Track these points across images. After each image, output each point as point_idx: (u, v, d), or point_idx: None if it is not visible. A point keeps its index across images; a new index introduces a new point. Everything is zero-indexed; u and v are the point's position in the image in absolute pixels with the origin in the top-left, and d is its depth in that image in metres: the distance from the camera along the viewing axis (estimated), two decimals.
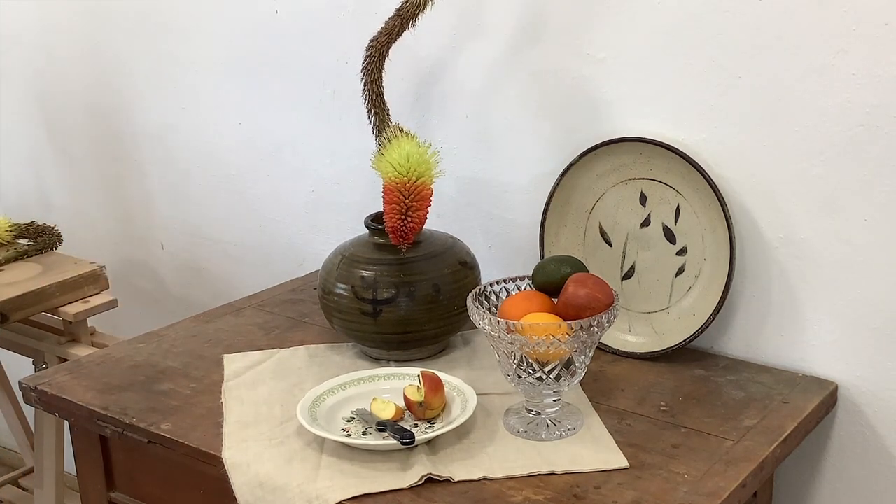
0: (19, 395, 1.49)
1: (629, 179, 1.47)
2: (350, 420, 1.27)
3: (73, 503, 2.15)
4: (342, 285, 1.42)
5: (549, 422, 1.24)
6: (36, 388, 1.41)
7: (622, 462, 1.17)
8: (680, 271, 1.46)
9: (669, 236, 1.46)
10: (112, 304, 1.98)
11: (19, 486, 2.41)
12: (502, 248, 1.68)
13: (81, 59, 2.23)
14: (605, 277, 1.28)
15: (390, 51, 1.45)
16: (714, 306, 1.40)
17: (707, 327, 1.42)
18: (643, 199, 1.47)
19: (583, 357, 1.22)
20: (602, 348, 1.47)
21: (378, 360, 1.46)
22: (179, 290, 2.25)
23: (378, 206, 1.44)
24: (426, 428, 1.24)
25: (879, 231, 1.33)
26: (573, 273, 1.26)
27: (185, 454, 1.26)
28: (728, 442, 1.22)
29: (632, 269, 1.50)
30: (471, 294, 1.27)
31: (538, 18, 1.54)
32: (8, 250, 2.03)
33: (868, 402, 1.39)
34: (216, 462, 1.21)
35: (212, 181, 2.08)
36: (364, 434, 1.23)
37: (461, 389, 1.30)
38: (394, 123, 1.46)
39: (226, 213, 2.09)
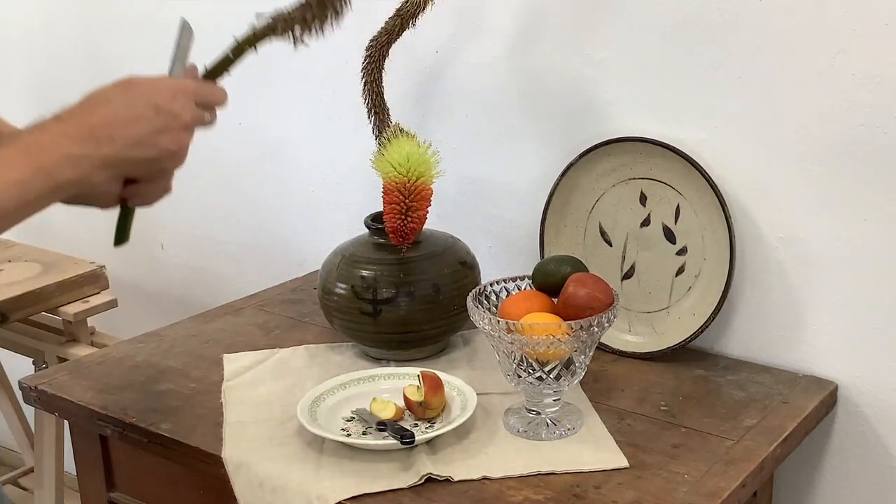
0: (19, 395, 1.49)
1: (629, 179, 1.47)
2: (350, 420, 1.27)
3: (73, 503, 2.15)
4: (342, 285, 1.42)
5: (549, 422, 1.24)
6: (36, 387, 1.41)
7: (622, 462, 1.17)
8: (680, 271, 1.46)
9: (669, 236, 1.46)
10: (112, 304, 1.98)
11: (19, 486, 2.41)
12: (502, 248, 1.68)
13: (81, 59, 2.23)
14: (605, 277, 1.27)
15: (390, 51, 1.45)
16: (714, 306, 1.40)
17: (707, 327, 1.41)
18: (643, 199, 1.47)
19: (583, 357, 1.22)
20: (602, 348, 1.47)
21: (378, 360, 1.46)
22: (179, 290, 2.25)
23: (378, 206, 1.44)
24: (426, 428, 1.24)
25: (879, 231, 1.33)
26: (573, 273, 1.26)
27: (185, 454, 1.26)
28: (728, 442, 1.22)
29: (632, 269, 1.50)
30: (471, 294, 1.27)
31: (538, 18, 1.54)
32: None
33: (868, 402, 1.39)
34: (216, 462, 1.21)
35: (212, 181, 2.08)
36: (364, 434, 1.23)
37: (461, 389, 1.29)
38: (394, 123, 1.46)
39: (226, 213, 2.09)
